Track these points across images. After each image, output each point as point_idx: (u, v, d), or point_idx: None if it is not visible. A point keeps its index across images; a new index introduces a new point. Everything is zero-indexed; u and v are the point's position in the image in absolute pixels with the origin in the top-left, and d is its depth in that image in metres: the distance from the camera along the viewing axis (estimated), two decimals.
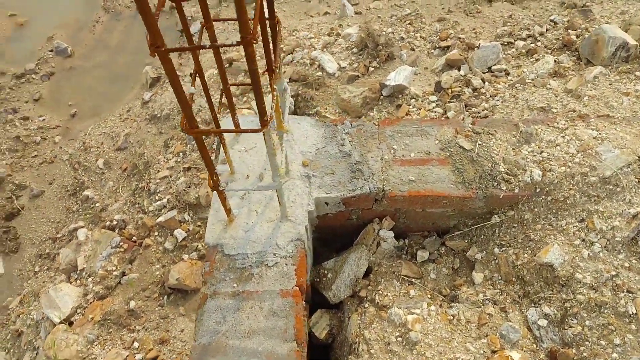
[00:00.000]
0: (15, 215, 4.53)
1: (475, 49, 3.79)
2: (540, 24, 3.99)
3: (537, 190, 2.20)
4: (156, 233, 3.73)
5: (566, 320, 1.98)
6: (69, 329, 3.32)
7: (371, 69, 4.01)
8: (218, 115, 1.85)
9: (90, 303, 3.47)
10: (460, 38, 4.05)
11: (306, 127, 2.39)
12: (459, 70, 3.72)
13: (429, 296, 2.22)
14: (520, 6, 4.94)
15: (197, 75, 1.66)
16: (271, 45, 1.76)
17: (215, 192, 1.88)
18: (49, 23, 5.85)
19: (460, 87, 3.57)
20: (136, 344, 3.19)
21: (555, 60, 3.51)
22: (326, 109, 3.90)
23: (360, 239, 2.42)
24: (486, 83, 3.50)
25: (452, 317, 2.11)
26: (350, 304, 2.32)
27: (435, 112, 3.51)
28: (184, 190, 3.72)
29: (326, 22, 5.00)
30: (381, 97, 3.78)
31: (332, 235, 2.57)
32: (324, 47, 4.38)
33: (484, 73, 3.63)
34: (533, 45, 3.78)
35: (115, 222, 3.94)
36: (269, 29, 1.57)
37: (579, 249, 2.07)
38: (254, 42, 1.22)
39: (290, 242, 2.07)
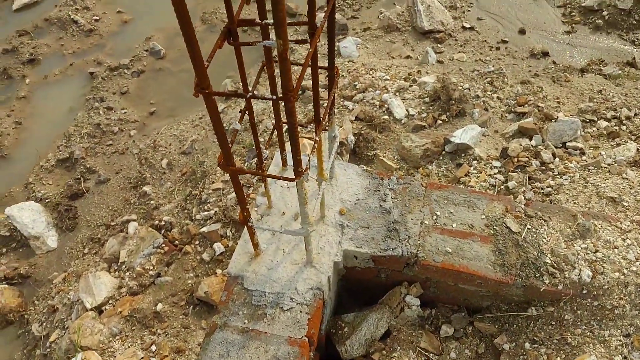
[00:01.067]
0: (79, 196, 4.82)
1: (553, 121, 3.60)
2: (630, 107, 3.74)
3: (584, 291, 2.02)
4: (197, 242, 3.82)
5: None
6: (98, 317, 3.46)
7: (439, 121, 3.93)
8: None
9: (123, 296, 3.60)
10: (539, 106, 3.87)
11: (352, 174, 2.36)
12: (531, 139, 3.55)
13: None
14: (614, 82, 4.67)
15: (247, 112, 1.69)
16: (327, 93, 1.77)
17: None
18: (151, 24, 6.26)
19: (527, 157, 3.40)
20: (154, 347, 3.26)
21: (638, 149, 3.26)
22: (385, 153, 3.85)
23: (386, 299, 2.34)
24: (556, 159, 3.31)
25: None
26: None
27: (496, 178, 3.37)
28: (232, 206, 3.79)
29: (406, 66, 4.98)
30: (443, 152, 3.68)
31: (359, 287, 2.51)
32: (397, 91, 4.35)
33: (556, 148, 3.44)
34: (617, 128, 3.54)
35: (163, 223, 4.08)
36: (324, 79, 1.57)
37: None
38: (295, 98, 1.22)
39: (309, 290, 2.03)
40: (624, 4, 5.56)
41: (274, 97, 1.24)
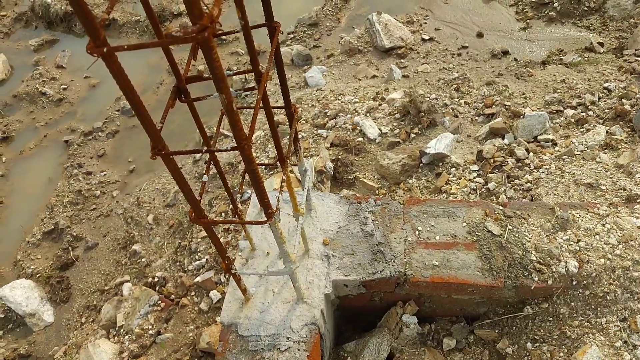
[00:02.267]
0: (69, 266, 4.77)
1: (521, 117, 3.67)
2: (593, 91, 3.82)
3: (574, 283, 2.03)
4: (193, 293, 3.78)
5: None
6: None
7: (412, 135, 3.98)
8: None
9: None
10: (505, 105, 3.95)
11: (330, 204, 2.38)
12: (503, 138, 3.60)
13: None
14: (576, 70, 4.78)
15: (213, 163, 1.71)
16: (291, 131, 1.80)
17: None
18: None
19: (503, 156, 3.45)
20: None
21: (607, 132, 3.33)
22: (365, 174, 3.88)
23: (384, 321, 2.33)
24: (531, 154, 3.36)
25: None
26: None
27: (476, 182, 3.40)
28: (239, 242, 3.78)
29: (373, 86, 5.07)
30: (421, 164, 3.72)
31: (356, 314, 2.49)
32: (367, 111, 4.42)
33: (529, 143, 3.49)
34: (584, 114, 3.61)
35: (156, 279, 4.04)
36: (281, 117, 1.60)
37: (620, 352, 1.87)
38: (249, 147, 1.24)
39: (304, 326, 2.02)
40: None
41: (229, 148, 1.26)
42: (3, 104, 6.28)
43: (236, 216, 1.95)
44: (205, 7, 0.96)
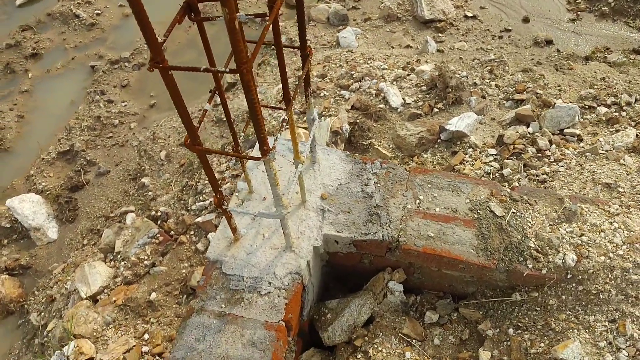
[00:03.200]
0: (79, 188, 4.85)
1: (551, 107, 3.53)
2: (631, 92, 3.64)
3: (568, 276, 1.97)
4: (192, 232, 3.82)
5: None
6: (92, 306, 3.48)
7: (436, 109, 3.87)
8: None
9: (117, 286, 3.61)
10: (537, 93, 3.79)
11: (334, 159, 2.33)
12: (528, 127, 3.48)
13: None
14: (618, 70, 4.56)
15: (218, 93, 1.67)
16: (303, 74, 1.74)
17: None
18: (152, 17, 6.20)
19: (524, 144, 3.33)
20: (146, 336, 3.26)
21: (637, 135, 3.18)
22: (380, 142, 3.81)
23: (370, 285, 2.31)
24: (553, 146, 3.24)
25: None
26: (344, 350, 2.20)
27: (491, 166, 3.31)
28: (227, 196, 3.78)
29: (405, 56, 4.92)
30: (439, 140, 3.63)
31: (345, 273, 2.48)
32: (394, 79, 4.30)
33: (554, 134, 3.36)
34: (617, 114, 3.45)
35: (159, 214, 4.09)
36: (292, 58, 1.54)
37: (602, 353, 1.82)
38: (248, 71, 1.19)
39: (288, 274, 2.01)
40: None
41: (227, 69, 1.21)
42: (37, 21, 6.30)
43: (237, 151, 1.91)
44: None
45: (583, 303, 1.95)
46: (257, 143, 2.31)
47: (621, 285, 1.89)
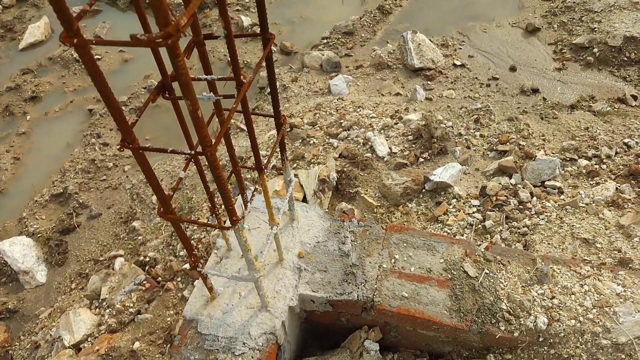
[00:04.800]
0: (70, 231, 4.88)
1: (532, 159, 3.60)
2: (612, 145, 3.72)
3: (540, 339, 1.98)
4: (179, 279, 3.83)
5: None
6: (75, 355, 3.45)
7: (421, 159, 3.95)
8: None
9: (101, 334, 3.60)
10: (519, 145, 3.88)
11: (313, 217, 2.38)
12: (510, 178, 3.54)
13: None
14: (602, 119, 4.66)
15: (194, 162, 1.73)
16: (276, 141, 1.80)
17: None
18: (150, 63, 6.38)
19: (506, 196, 3.39)
20: None
21: (617, 188, 3.24)
22: (367, 191, 3.87)
23: (347, 343, 2.32)
24: (534, 198, 3.30)
25: None
26: None
27: (474, 217, 3.35)
28: (214, 243, 3.81)
29: (394, 104, 5.04)
30: (423, 190, 3.69)
31: (323, 330, 2.49)
32: (382, 128, 4.40)
33: (535, 186, 3.42)
34: (597, 166, 3.52)
35: (148, 259, 4.11)
36: (255, 127, 1.60)
37: None
38: (212, 154, 1.25)
39: (262, 335, 2.02)
40: (614, 42, 5.61)
41: (192, 152, 1.28)
42: (38, 65, 6.47)
43: (214, 215, 1.96)
44: (173, 17, 0.97)
45: None
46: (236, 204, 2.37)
47: (591, 349, 1.90)
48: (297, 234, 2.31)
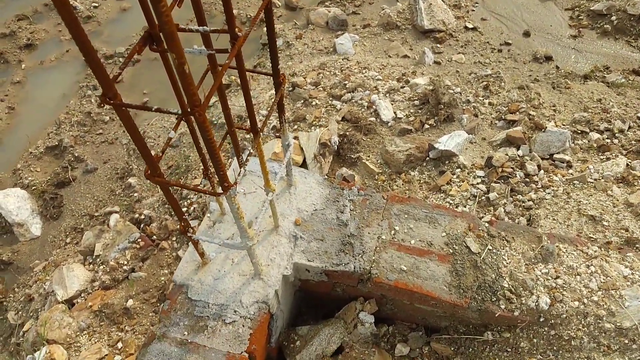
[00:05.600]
0: (65, 185, 4.79)
1: (542, 131, 3.47)
2: (624, 119, 3.58)
3: (541, 319, 1.92)
4: (174, 238, 3.77)
5: None
6: (67, 310, 3.43)
7: (427, 126, 3.81)
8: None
9: (95, 290, 3.57)
10: (529, 115, 3.73)
11: (312, 183, 2.27)
12: (518, 149, 3.42)
13: None
14: (616, 91, 4.49)
15: (185, 121, 1.61)
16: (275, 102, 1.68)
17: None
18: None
19: (512, 168, 3.27)
20: (120, 345, 3.22)
21: (627, 164, 3.12)
22: (369, 156, 3.75)
23: (341, 313, 2.26)
24: (541, 171, 3.18)
25: None
26: None
27: (478, 188, 3.25)
28: (210, 203, 3.73)
29: (401, 66, 4.85)
30: (427, 158, 3.57)
31: (318, 299, 2.43)
32: (387, 92, 4.24)
33: (543, 159, 3.30)
34: (608, 140, 3.39)
35: (143, 217, 4.04)
36: (256, 85, 1.48)
37: None
38: (201, 114, 1.13)
39: (255, 303, 1.96)
40: (634, 10, 5.35)
41: (178, 111, 1.16)
42: (34, 11, 6.23)
43: (207, 179, 1.86)
44: None
45: (554, 348, 1.90)
46: (232, 164, 2.26)
47: (594, 332, 1.84)
48: (295, 200, 2.22)
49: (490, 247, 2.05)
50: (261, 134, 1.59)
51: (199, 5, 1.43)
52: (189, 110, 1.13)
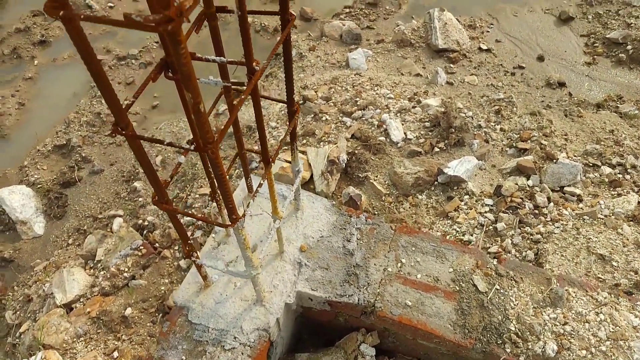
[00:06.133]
0: (71, 185, 4.78)
1: (554, 161, 3.43)
2: (637, 154, 3.54)
3: None
4: (177, 247, 3.75)
5: None
6: (65, 315, 3.41)
7: (437, 149, 3.78)
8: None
9: (94, 296, 3.54)
10: (541, 144, 3.69)
11: (319, 208, 2.24)
12: (528, 179, 3.38)
13: None
14: (629, 123, 4.45)
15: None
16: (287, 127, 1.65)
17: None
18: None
19: (521, 198, 3.24)
20: (116, 354, 3.19)
21: (638, 202, 3.08)
22: (377, 177, 3.72)
23: (342, 343, 2.22)
24: (551, 204, 3.14)
25: None
26: None
27: (486, 217, 3.21)
28: (215, 214, 3.71)
29: (413, 85, 4.83)
30: (435, 182, 3.54)
31: (319, 325, 2.39)
32: (398, 111, 4.21)
33: (553, 191, 3.26)
34: (620, 176, 3.35)
35: (146, 223, 4.02)
36: (272, 94, 1.46)
37: None
38: (214, 152, 1.11)
39: (255, 330, 1.93)
40: None
41: (191, 147, 1.14)
42: None
43: (214, 201, 1.83)
44: None
45: None
46: (239, 187, 2.24)
47: None
48: (301, 225, 2.19)
49: (498, 287, 2.01)
50: (272, 164, 1.56)
51: (217, 34, 1.41)
52: (202, 146, 1.10)
